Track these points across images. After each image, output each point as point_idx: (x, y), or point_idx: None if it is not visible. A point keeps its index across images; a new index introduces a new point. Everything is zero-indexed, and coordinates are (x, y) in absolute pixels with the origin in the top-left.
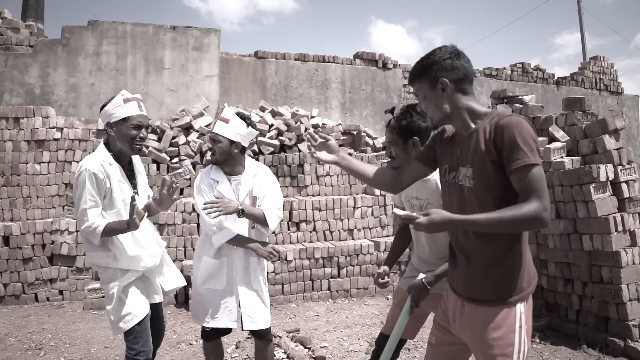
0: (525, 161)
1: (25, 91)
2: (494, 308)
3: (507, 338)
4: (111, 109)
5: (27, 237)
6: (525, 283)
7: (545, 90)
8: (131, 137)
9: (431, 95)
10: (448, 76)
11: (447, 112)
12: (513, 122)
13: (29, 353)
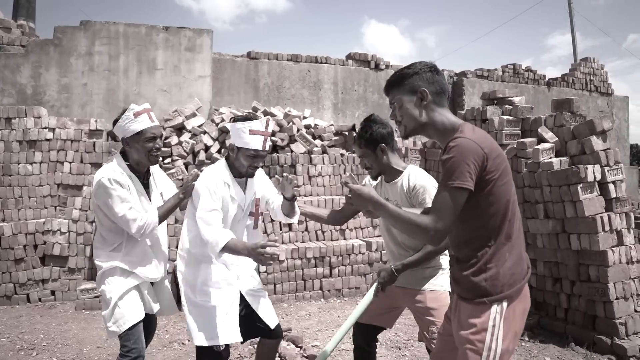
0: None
1: (17, 91)
2: (472, 306)
3: (479, 335)
4: (124, 124)
5: (19, 238)
6: (504, 285)
7: (536, 91)
8: (148, 150)
9: (409, 104)
10: (428, 88)
11: (422, 122)
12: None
13: (21, 353)
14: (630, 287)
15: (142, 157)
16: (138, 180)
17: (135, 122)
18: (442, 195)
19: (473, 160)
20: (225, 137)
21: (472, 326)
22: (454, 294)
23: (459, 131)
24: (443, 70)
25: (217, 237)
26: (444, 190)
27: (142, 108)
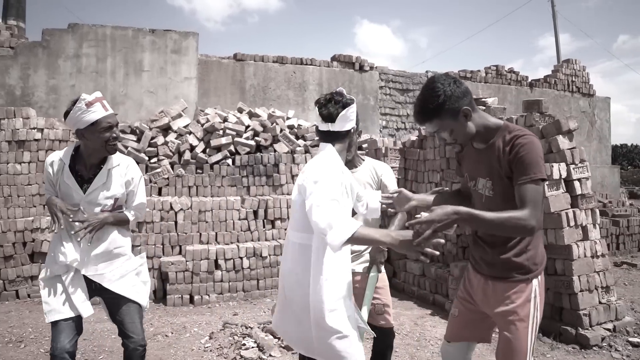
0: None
1: (6, 92)
2: (514, 283)
3: (524, 307)
4: (76, 115)
5: (8, 235)
6: (538, 263)
7: (518, 92)
8: (105, 140)
9: (457, 126)
10: (464, 103)
11: (473, 134)
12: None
13: (10, 345)
14: (594, 280)
15: (100, 148)
16: (69, 171)
17: (88, 113)
18: (531, 188)
19: (542, 153)
20: (209, 137)
21: (516, 300)
22: (479, 275)
23: (509, 127)
24: (426, 72)
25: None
26: (530, 183)
27: (94, 97)
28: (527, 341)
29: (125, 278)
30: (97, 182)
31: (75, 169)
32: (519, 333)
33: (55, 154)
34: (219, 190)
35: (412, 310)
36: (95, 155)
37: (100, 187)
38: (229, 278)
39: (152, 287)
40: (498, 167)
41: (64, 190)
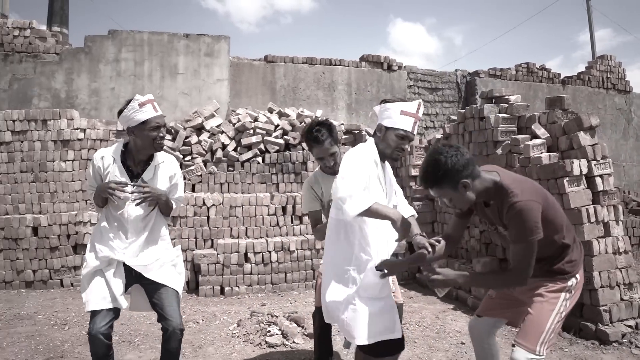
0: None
1: (52, 95)
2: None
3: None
4: (129, 114)
5: (54, 228)
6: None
7: (550, 89)
8: (152, 138)
9: (456, 195)
10: (464, 175)
11: (472, 200)
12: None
13: (55, 327)
14: (616, 276)
15: (148, 145)
16: (122, 166)
17: (140, 112)
18: (523, 248)
19: (537, 216)
20: (240, 136)
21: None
22: None
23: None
24: (456, 70)
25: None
26: (523, 243)
27: (147, 98)
28: (546, 324)
29: (164, 268)
30: (145, 177)
31: (126, 164)
32: (542, 313)
33: (103, 149)
34: (249, 186)
35: (434, 304)
36: (143, 152)
37: (148, 182)
38: (258, 271)
39: (186, 279)
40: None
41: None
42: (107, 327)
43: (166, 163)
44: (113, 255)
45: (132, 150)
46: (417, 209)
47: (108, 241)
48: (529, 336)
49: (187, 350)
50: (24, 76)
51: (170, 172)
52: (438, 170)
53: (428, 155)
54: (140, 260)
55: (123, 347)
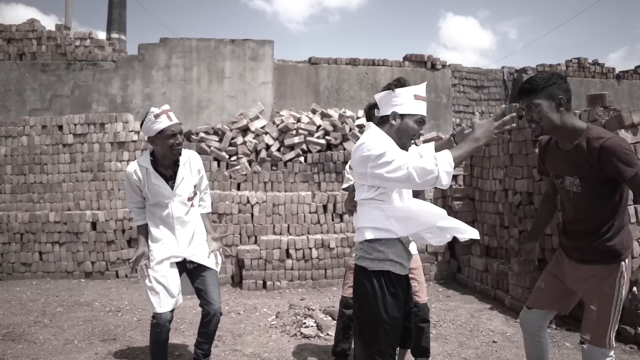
0: (631, 171)
1: (109, 100)
2: (605, 265)
3: (612, 285)
4: (147, 125)
5: (111, 224)
6: (626, 246)
7: (604, 85)
8: (170, 146)
9: (547, 109)
10: (564, 95)
11: (557, 125)
12: (610, 145)
13: (110, 314)
14: None
15: (167, 152)
16: (155, 172)
17: (156, 123)
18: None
19: (628, 145)
20: (284, 137)
21: (605, 278)
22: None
23: (592, 130)
24: (502, 67)
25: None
26: (636, 168)
27: (161, 110)
28: (610, 315)
29: (210, 257)
30: (179, 178)
31: (158, 171)
32: (604, 306)
33: (132, 164)
34: (291, 185)
35: (471, 304)
36: (166, 157)
37: (182, 181)
38: (299, 267)
39: (230, 273)
40: (587, 167)
41: (154, 190)
42: (171, 315)
43: (191, 159)
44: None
45: (158, 157)
46: (457, 209)
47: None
48: (598, 332)
49: (227, 338)
50: (85, 83)
51: (197, 167)
52: (547, 80)
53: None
54: (191, 250)
55: (170, 333)
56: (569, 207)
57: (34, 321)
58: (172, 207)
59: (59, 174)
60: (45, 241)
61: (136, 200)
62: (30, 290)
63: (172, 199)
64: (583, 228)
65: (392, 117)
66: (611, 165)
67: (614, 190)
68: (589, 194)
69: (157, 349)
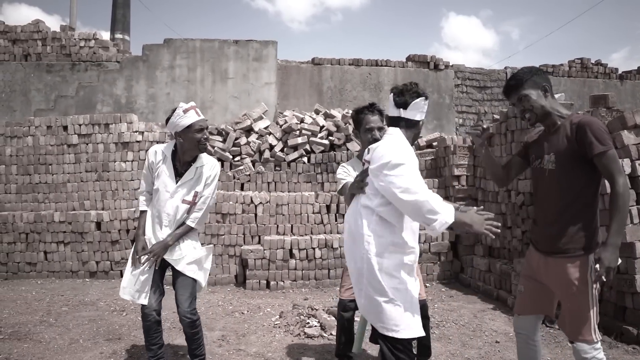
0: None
1: (114, 101)
2: (573, 258)
3: (583, 279)
4: (175, 120)
5: (115, 223)
6: (594, 238)
7: (607, 85)
8: (197, 140)
9: (536, 97)
10: (547, 83)
11: (548, 110)
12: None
13: (115, 313)
14: None
15: (193, 147)
16: (171, 163)
17: (185, 118)
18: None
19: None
20: (287, 137)
21: (575, 273)
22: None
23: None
24: (505, 68)
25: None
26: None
27: (190, 105)
28: (590, 312)
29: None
30: (187, 177)
31: (173, 163)
32: (583, 303)
33: (158, 145)
34: (295, 186)
35: (474, 304)
36: (188, 154)
37: (188, 181)
38: (302, 267)
39: (234, 273)
40: (564, 143)
41: (161, 177)
42: (157, 303)
43: (207, 166)
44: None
45: (179, 152)
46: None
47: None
48: (583, 330)
49: (231, 337)
50: (89, 84)
51: (207, 174)
52: (526, 74)
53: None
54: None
55: (174, 332)
56: (542, 190)
57: (39, 320)
58: (168, 203)
59: (63, 174)
60: (50, 241)
61: (149, 182)
62: (35, 289)
63: (172, 194)
64: (554, 210)
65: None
66: (585, 138)
67: (587, 178)
68: (562, 172)
69: (147, 339)
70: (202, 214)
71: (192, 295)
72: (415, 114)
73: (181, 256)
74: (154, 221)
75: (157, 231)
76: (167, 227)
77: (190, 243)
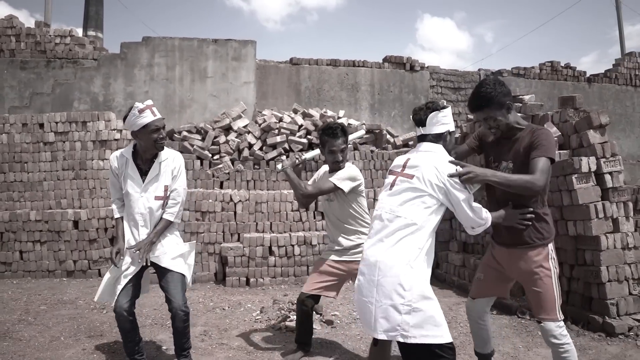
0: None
1: (91, 99)
2: (535, 248)
3: (547, 263)
4: (132, 120)
5: (93, 222)
6: (551, 232)
7: (575, 87)
8: (153, 140)
9: (501, 116)
10: (509, 100)
11: (511, 125)
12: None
13: (94, 311)
14: (624, 271)
15: (149, 146)
16: (133, 164)
17: (140, 117)
18: (542, 161)
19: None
20: (266, 136)
21: (539, 260)
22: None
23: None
24: (479, 70)
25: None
26: (545, 157)
27: (145, 105)
28: (554, 291)
29: (175, 259)
30: (151, 174)
31: (136, 163)
32: (547, 286)
33: (117, 151)
34: (274, 184)
35: (450, 297)
36: (148, 152)
37: (154, 177)
38: (282, 263)
39: (214, 270)
40: (521, 152)
41: (128, 180)
42: (129, 304)
43: (169, 159)
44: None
45: (139, 151)
46: None
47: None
48: (548, 310)
49: (214, 332)
50: (65, 81)
51: (172, 167)
52: (489, 93)
53: (477, 85)
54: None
55: (156, 328)
56: (500, 192)
57: (17, 319)
58: (139, 203)
59: (39, 172)
60: (25, 240)
61: (117, 189)
62: (11, 289)
63: (141, 193)
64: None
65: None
66: (535, 144)
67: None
68: None
69: (124, 337)
70: (178, 207)
71: (184, 289)
72: (434, 127)
73: (163, 252)
74: (130, 224)
75: (135, 233)
76: (143, 227)
77: (172, 239)
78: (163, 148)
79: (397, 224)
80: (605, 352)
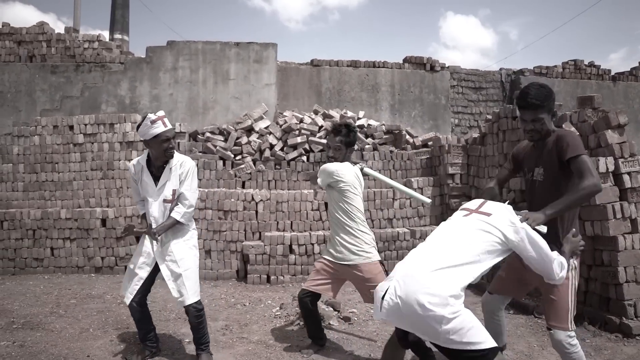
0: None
1: (118, 101)
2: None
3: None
4: (143, 130)
5: (120, 220)
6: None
7: (600, 86)
8: (163, 149)
9: (547, 121)
10: (554, 107)
11: (550, 131)
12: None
13: (121, 305)
14: None
15: (160, 154)
16: (147, 170)
17: (152, 128)
18: (584, 160)
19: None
20: (287, 137)
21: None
22: None
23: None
24: (500, 69)
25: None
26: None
27: (157, 116)
28: (569, 302)
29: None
30: (163, 178)
31: (150, 170)
32: (562, 295)
33: (135, 159)
34: (294, 184)
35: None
36: (159, 159)
37: (166, 182)
38: (302, 262)
39: (235, 267)
40: (548, 156)
41: (144, 185)
42: (139, 298)
43: (178, 165)
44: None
45: (152, 158)
46: (454, 206)
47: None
48: (560, 318)
49: (234, 327)
50: (94, 84)
51: (180, 171)
52: (548, 96)
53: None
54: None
55: (179, 322)
56: (533, 199)
57: (49, 312)
58: (153, 207)
59: (69, 172)
60: (56, 237)
61: (137, 193)
62: (43, 284)
63: (155, 198)
64: None
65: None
66: (561, 147)
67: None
68: (549, 182)
69: (136, 324)
70: (186, 209)
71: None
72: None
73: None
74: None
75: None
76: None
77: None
78: (172, 156)
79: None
80: (621, 352)
